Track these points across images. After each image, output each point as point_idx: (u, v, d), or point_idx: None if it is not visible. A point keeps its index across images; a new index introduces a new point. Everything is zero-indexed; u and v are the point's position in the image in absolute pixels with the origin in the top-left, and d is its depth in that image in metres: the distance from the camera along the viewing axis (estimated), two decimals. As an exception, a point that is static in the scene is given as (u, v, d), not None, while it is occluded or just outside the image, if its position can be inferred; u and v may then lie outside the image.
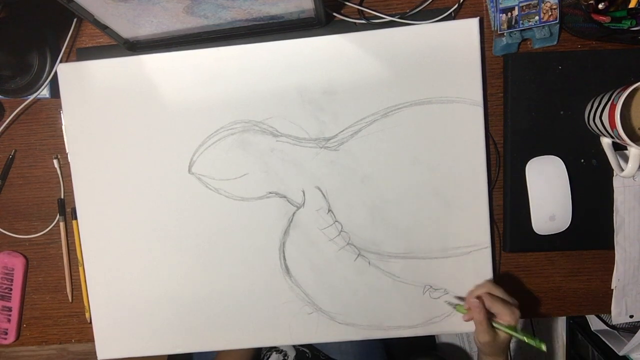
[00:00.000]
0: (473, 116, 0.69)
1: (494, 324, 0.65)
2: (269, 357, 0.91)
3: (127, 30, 0.65)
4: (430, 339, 1.29)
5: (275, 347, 0.92)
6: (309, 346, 0.94)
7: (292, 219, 0.72)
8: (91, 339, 0.76)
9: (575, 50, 0.70)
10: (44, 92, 0.72)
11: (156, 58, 0.70)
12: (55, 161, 0.75)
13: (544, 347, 0.61)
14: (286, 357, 0.90)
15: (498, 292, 0.66)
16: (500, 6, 0.65)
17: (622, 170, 0.66)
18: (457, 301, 0.71)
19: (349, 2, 0.69)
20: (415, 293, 0.72)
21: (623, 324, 0.94)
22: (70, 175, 0.73)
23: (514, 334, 0.64)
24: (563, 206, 0.69)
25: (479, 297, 0.66)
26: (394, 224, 0.71)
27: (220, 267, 0.73)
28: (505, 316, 0.63)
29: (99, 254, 0.74)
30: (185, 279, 0.73)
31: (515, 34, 0.67)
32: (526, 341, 0.63)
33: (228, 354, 0.88)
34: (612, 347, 0.94)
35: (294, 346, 0.91)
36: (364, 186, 0.71)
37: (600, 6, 0.63)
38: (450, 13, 0.68)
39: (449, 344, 1.33)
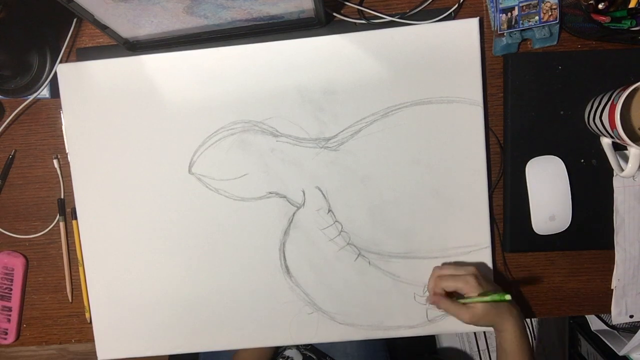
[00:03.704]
0: (473, 116, 0.69)
1: (461, 301, 0.65)
2: None
3: (127, 30, 0.65)
4: (431, 343, 1.29)
5: (281, 354, 0.91)
6: (315, 350, 0.94)
7: (292, 219, 0.72)
8: (91, 339, 0.76)
9: (575, 50, 0.70)
10: (44, 92, 0.72)
11: (156, 58, 0.70)
12: (55, 161, 0.75)
13: (507, 297, 0.60)
14: None
15: (445, 271, 0.67)
16: (500, 6, 0.65)
17: (622, 170, 0.66)
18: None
19: (349, 2, 0.69)
20: (415, 293, 0.72)
21: (623, 324, 0.94)
22: (70, 175, 0.73)
23: (476, 300, 0.63)
24: (563, 206, 0.69)
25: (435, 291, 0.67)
26: (394, 224, 0.71)
27: (220, 267, 0.73)
28: (463, 289, 0.64)
29: (99, 254, 0.74)
30: (185, 279, 0.73)
31: (515, 34, 0.67)
32: (496, 299, 0.61)
33: (244, 353, 0.86)
34: (612, 347, 0.94)
35: (299, 351, 0.91)
36: (364, 186, 0.71)
37: (600, 6, 0.63)
38: (450, 13, 0.68)
39: (450, 348, 1.33)
